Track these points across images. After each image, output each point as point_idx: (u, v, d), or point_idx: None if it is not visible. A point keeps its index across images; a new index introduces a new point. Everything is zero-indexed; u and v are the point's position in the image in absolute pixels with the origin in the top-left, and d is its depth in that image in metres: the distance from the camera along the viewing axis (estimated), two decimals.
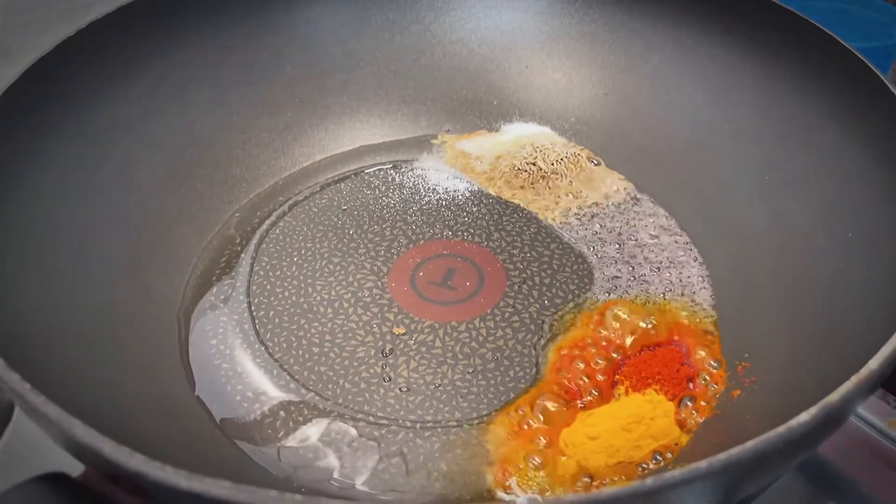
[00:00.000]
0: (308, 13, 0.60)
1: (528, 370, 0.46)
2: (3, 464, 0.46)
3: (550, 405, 0.43)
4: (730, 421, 0.42)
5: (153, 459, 0.27)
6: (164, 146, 0.54)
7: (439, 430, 0.43)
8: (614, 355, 0.46)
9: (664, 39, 0.58)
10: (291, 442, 0.43)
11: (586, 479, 0.40)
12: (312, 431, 0.43)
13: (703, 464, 0.26)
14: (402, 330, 0.48)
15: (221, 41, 0.57)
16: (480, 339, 0.47)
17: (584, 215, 0.55)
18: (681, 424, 0.42)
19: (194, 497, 0.26)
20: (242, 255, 0.53)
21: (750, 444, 0.26)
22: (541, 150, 0.59)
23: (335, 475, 0.41)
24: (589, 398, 0.44)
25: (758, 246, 0.49)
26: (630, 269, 0.51)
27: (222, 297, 0.50)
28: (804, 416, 0.27)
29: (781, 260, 0.47)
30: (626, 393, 0.43)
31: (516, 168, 0.58)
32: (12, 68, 0.46)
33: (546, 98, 0.61)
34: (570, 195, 0.56)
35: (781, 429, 0.27)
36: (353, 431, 0.43)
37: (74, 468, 0.40)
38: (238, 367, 0.46)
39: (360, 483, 0.41)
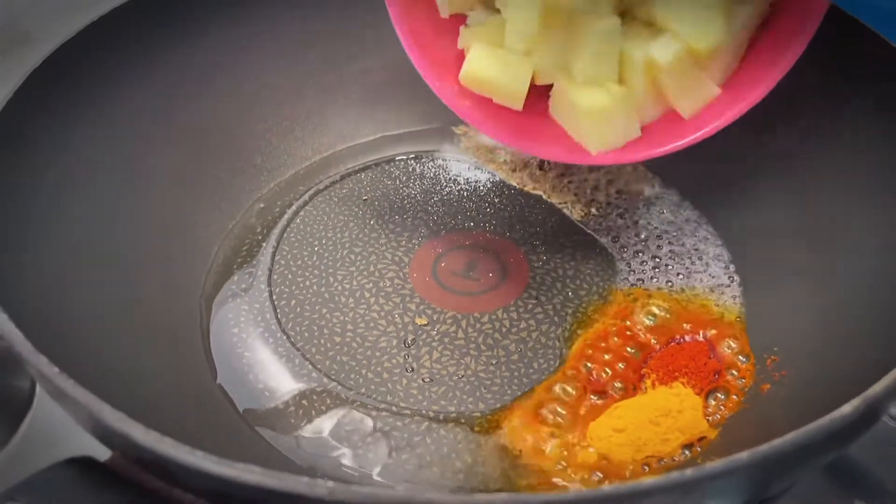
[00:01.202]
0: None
1: (551, 362, 0.45)
2: (25, 448, 0.46)
3: (573, 397, 0.43)
4: (758, 415, 0.41)
5: (182, 444, 0.27)
6: (185, 134, 0.54)
7: (462, 420, 0.43)
8: (638, 349, 0.45)
9: None
10: (313, 431, 0.42)
11: (599, 475, 0.39)
12: (334, 421, 0.43)
13: (744, 455, 0.25)
14: (424, 320, 0.47)
15: (243, 27, 0.57)
16: (503, 330, 0.47)
17: (607, 207, 0.54)
18: (708, 418, 0.41)
19: (224, 482, 0.26)
20: (263, 244, 0.53)
21: (791, 435, 0.26)
22: None
23: (356, 464, 0.41)
24: (615, 390, 0.43)
25: (787, 237, 0.48)
26: (655, 260, 0.50)
27: (243, 285, 0.50)
28: (847, 408, 0.27)
29: (812, 251, 0.46)
30: (653, 386, 0.43)
31: (539, 159, 0.57)
32: (34, 54, 0.46)
33: None
34: (593, 187, 0.56)
35: (824, 420, 0.26)
36: (375, 421, 0.43)
37: (95, 453, 0.40)
38: (260, 356, 0.46)
39: (380, 472, 0.40)
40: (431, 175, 0.58)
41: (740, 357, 0.44)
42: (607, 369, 0.44)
